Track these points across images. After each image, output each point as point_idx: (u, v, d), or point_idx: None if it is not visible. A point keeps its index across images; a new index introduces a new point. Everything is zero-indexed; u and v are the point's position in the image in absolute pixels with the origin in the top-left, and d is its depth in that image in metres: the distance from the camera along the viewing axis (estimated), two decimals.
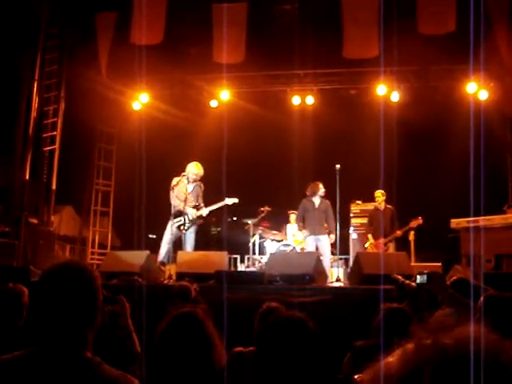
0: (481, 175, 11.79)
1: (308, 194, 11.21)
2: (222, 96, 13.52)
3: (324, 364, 2.15)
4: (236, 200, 10.51)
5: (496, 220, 10.29)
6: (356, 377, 1.79)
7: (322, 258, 10.15)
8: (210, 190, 10.81)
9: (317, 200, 11.15)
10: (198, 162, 10.59)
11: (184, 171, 10.42)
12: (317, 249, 10.86)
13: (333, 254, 11.79)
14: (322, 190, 11.07)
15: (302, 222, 11.24)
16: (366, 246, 11.68)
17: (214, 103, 13.84)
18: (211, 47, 12.29)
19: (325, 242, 10.94)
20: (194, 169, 10.44)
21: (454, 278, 4.23)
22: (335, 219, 11.15)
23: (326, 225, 11.05)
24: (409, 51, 11.07)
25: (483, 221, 10.39)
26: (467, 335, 0.80)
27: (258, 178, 11.78)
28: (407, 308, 4.26)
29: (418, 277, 4.07)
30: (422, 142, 12.31)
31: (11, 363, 1.97)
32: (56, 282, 2.04)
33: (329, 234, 11.04)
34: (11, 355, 2.01)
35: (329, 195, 10.98)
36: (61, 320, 2.00)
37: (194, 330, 3.09)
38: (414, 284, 4.76)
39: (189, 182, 10.41)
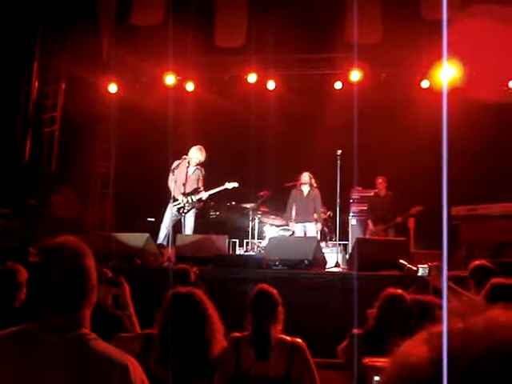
0: (481, 164, 11.82)
1: (297, 184, 11.52)
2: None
3: None
4: (236, 184, 10.55)
5: (496, 208, 10.29)
6: (366, 361, 1.76)
7: None
8: (210, 174, 10.82)
9: (306, 189, 11.44)
10: (198, 145, 10.61)
11: (184, 154, 10.40)
12: (305, 235, 11.15)
13: (331, 239, 11.84)
14: (304, 178, 11.38)
15: (291, 213, 11.57)
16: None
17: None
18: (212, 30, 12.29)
19: (311, 230, 11.26)
20: (199, 153, 10.45)
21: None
22: (322, 206, 11.49)
23: (315, 214, 11.37)
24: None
25: (483, 209, 10.39)
26: (500, 320, 0.78)
27: (258, 163, 11.74)
28: (412, 295, 4.22)
29: (420, 269, 4.02)
30: (425, 129, 12.27)
31: (8, 337, 2.04)
32: (50, 260, 2.10)
33: (316, 222, 11.35)
34: (9, 330, 2.07)
35: (329, 181, 10.98)
36: (54, 297, 2.05)
37: (193, 312, 3.11)
38: None
39: (189, 165, 10.38)
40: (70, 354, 1.99)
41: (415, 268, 5.26)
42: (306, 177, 11.39)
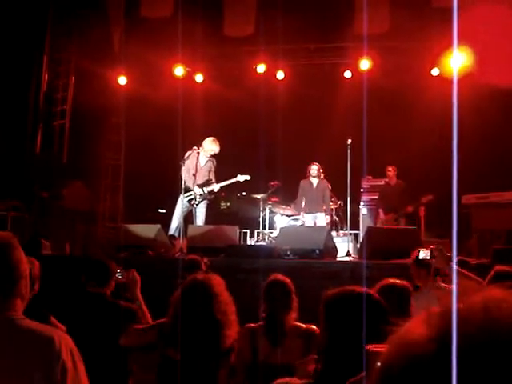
0: (492, 152, 11.76)
1: (307, 175, 11.58)
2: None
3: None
4: (248, 177, 10.55)
5: (506, 196, 10.26)
6: (369, 347, 1.76)
7: None
8: (220, 164, 10.82)
9: (315, 180, 11.52)
10: (210, 137, 10.61)
11: (194, 145, 10.40)
12: (315, 225, 11.19)
13: (342, 229, 11.85)
14: (312, 171, 11.44)
15: (301, 204, 11.61)
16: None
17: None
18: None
19: (321, 220, 11.30)
20: (214, 145, 10.43)
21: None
22: (332, 196, 11.62)
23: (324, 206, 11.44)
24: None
25: (494, 197, 10.36)
26: (497, 298, 0.79)
27: (268, 153, 11.74)
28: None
29: (421, 252, 3.98)
30: (435, 117, 12.26)
31: None
32: None
33: (325, 212, 11.39)
34: None
35: (339, 170, 10.98)
36: None
37: (204, 296, 3.14)
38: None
39: (199, 155, 10.38)
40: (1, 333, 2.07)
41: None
42: (314, 169, 11.46)
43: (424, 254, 3.96)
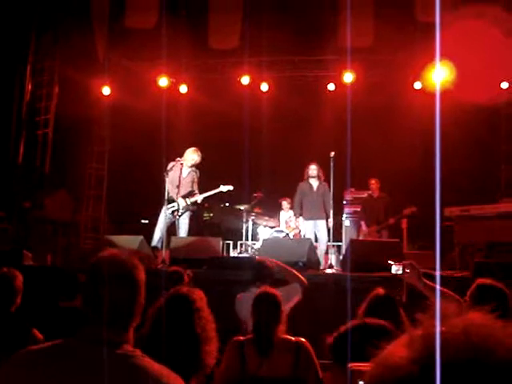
0: (474, 165, 11.86)
1: (304, 177, 11.18)
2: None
3: None
4: (231, 187, 10.52)
5: (487, 209, 10.33)
6: (351, 365, 1.77)
7: (318, 244, 10.44)
8: (203, 176, 10.81)
9: (315, 183, 11.08)
10: (193, 147, 10.60)
11: (178, 156, 10.39)
12: (315, 234, 10.88)
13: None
14: (311, 171, 11.00)
15: (300, 207, 11.18)
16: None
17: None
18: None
19: (322, 228, 10.87)
20: (195, 155, 10.42)
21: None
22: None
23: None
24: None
25: (475, 210, 10.43)
26: (476, 322, 0.81)
27: (251, 164, 11.75)
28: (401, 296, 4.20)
29: (393, 267, 3.94)
30: (417, 130, 12.36)
31: (52, 351, 1.98)
32: (96, 276, 2.03)
33: (327, 218, 10.85)
34: (50, 343, 2.01)
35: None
36: (107, 312, 1.98)
37: (184, 310, 3.12)
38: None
39: (182, 167, 10.37)
40: (119, 370, 1.91)
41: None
42: (314, 169, 10.94)
43: (396, 269, 3.92)
